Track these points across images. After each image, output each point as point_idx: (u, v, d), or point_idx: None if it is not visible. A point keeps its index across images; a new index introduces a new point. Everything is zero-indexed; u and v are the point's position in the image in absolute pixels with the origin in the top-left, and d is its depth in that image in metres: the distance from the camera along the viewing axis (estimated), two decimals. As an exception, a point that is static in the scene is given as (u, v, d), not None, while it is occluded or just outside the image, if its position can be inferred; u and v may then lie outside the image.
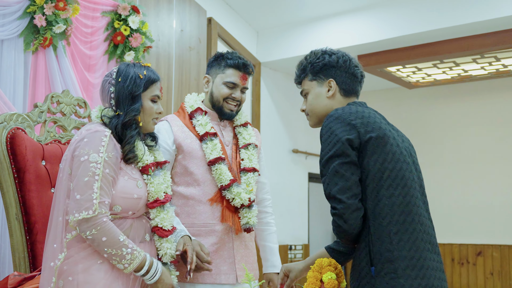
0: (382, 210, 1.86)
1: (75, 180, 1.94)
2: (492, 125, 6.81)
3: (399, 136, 2.06)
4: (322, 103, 2.15)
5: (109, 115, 2.12)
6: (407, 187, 1.91)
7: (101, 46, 3.35)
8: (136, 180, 2.10)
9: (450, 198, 6.94)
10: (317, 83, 2.17)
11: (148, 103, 2.16)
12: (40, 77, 2.91)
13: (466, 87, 6.95)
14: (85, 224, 1.90)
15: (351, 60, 2.18)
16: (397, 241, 1.84)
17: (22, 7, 2.80)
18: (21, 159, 2.22)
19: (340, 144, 1.89)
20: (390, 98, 7.42)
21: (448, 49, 5.20)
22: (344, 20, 5.59)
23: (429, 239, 1.92)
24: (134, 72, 2.14)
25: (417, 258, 1.84)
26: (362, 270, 1.87)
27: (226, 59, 2.62)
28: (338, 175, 1.88)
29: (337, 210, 1.87)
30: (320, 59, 2.16)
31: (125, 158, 2.09)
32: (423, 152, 7.14)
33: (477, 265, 6.69)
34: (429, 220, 1.98)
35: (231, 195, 2.48)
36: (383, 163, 1.90)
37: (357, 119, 1.93)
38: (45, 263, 1.97)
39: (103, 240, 1.91)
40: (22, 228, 2.21)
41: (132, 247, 1.97)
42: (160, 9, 4.11)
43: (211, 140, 2.51)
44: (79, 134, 2.04)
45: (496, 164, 6.73)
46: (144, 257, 2.00)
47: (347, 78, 2.15)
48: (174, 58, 4.26)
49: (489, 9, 4.72)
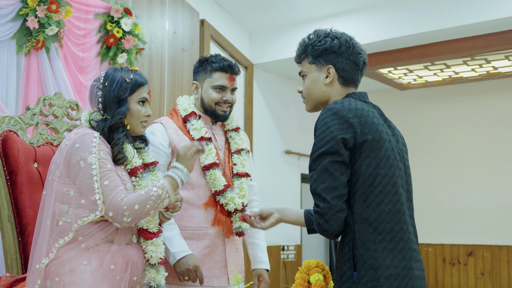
0: (370, 216, 1.82)
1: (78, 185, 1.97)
2: (483, 126, 6.85)
3: (394, 137, 1.99)
4: (319, 89, 2.04)
5: (96, 118, 2.13)
6: (397, 194, 1.86)
7: (94, 48, 3.35)
8: (125, 182, 2.11)
9: (441, 198, 6.98)
10: (316, 67, 2.04)
11: (135, 106, 2.17)
12: (32, 79, 2.92)
13: (457, 88, 6.99)
14: (116, 215, 1.94)
15: (354, 47, 2.02)
16: (382, 249, 1.80)
17: (14, 10, 2.81)
18: (13, 161, 2.23)
19: (334, 142, 1.82)
20: (382, 99, 7.43)
21: (439, 51, 5.23)
22: (336, 22, 5.61)
23: (413, 246, 1.88)
24: (121, 76, 2.15)
25: (402, 267, 1.81)
26: (344, 274, 1.83)
27: (211, 63, 2.62)
28: (327, 173, 1.81)
29: (320, 209, 1.82)
30: (321, 42, 2.02)
31: (114, 159, 2.10)
32: (414, 153, 7.17)
33: (468, 265, 6.73)
34: (412, 227, 1.94)
35: (225, 200, 2.50)
36: (375, 168, 1.84)
37: (356, 117, 1.85)
38: (31, 265, 1.99)
39: (136, 208, 1.95)
40: (14, 229, 2.23)
41: (154, 184, 2.02)
42: (153, 11, 4.12)
43: (206, 145, 2.52)
44: (69, 139, 2.06)
45: (487, 165, 6.77)
46: (170, 176, 2.06)
47: (348, 65, 2.01)
48: (166, 60, 4.27)
49: (479, 12, 4.75)
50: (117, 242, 2.05)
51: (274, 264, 6.26)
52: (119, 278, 2.03)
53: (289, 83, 6.72)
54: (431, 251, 6.95)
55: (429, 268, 6.97)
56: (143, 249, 2.17)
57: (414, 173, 7.63)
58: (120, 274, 2.03)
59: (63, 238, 1.97)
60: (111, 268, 2.00)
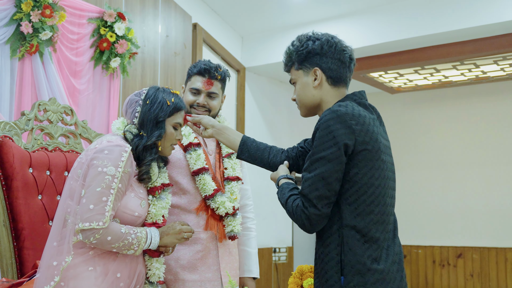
0: (359, 223, 1.84)
1: (89, 189, 1.97)
2: (473, 129, 6.90)
3: (387, 142, 2.01)
4: (309, 94, 2.03)
5: (132, 131, 2.16)
6: (385, 205, 1.89)
7: (87, 52, 3.36)
8: (141, 199, 2.15)
9: (431, 201, 7.03)
10: (303, 72, 2.03)
11: (170, 129, 2.21)
12: (26, 83, 2.93)
13: (448, 92, 7.05)
14: (88, 232, 1.94)
15: (337, 44, 2.01)
16: (368, 255, 1.83)
17: (8, 14, 2.82)
18: (8, 166, 2.24)
19: (336, 148, 1.81)
20: (373, 103, 7.37)
21: (429, 55, 5.28)
22: (327, 26, 5.65)
23: (398, 250, 1.93)
24: (163, 97, 2.19)
25: (386, 272, 1.85)
26: (331, 278, 1.85)
27: (193, 67, 2.64)
28: (323, 182, 1.82)
29: (309, 213, 1.84)
30: (304, 46, 2.02)
31: (139, 177, 2.15)
32: (405, 155, 7.24)
33: (458, 267, 6.78)
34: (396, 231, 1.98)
35: (216, 205, 2.51)
36: (370, 178, 1.85)
37: (358, 124, 1.85)
38: (43, 261, 2.00)
39: (108, 239, 1.96)
40: (10, 234, 2.24)
41: (135, 232, 2.04)
42: (146, 15, 4.14)
43: (195, 151, 2.53)
44: (100, 142, 2.08)
45: (476, 168, 6.83)
46: (146, 235, 2.08)
47: (334, 64, 1.99)
48: (159, 64, 4.29)
49: (467, 17, 4.80)
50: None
51: (266, 266, 6.29)
52: (122, 285, 2.05)
53: (281, 86, 6.76)
54: (421, 253, 7.00)
55: (419, 270, 7.02)
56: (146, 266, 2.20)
57: (404, 176, 7.68)
58: (124, 281, 2.06)
59: (76, 236, 1.98)
60: (117, 276, 2.03)
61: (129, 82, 3.84)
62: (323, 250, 1.90)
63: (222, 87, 2.68)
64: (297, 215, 1.88)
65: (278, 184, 2.07)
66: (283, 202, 1.98)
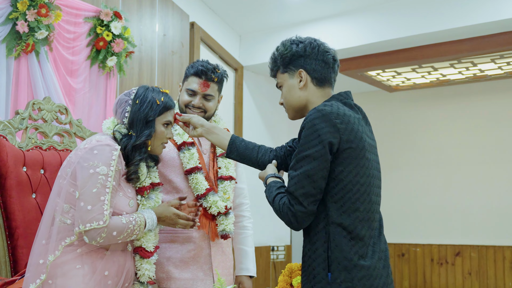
0: (345, 221, 1.87)
1: (83, 190, 1.99)
2: (471, 128, 6.91)
3: (372, 141, 2.04)
4: (295, 95, 2.09)
5: (121, 131, 2.18)
6: (371, 202, 1.93)
7: (84, 51, 3.36)
8: (129, 199, 2.16)
9: (429, 199, 7.03)
10: (288, 75, 2.10)
11: (160, 128, 2.23)
12: (22, 82, 2.92)
13: (446, 90, 7.05)
14: (94, 232, 1.97)
15: (319, 46, 2.09)
16: (354, 252, 1.87)
17: (4, 14, 2.82)
18: (2, 165, 2.25)
19: (321, 146, 1.86)
20: (371, 101, 7.51)
21: (426, 54, 5.29)
22: (325, 25, 5.66)
23: (384, 247, 1.97)
24: (152, 97, 2.22)
25: (373, 268, 1.88)
26: (318, 275, 1.89)
27: (190, 67, 2.65)
28: (309, 180, 1.86)
29: (295, 210, 1.88)
30: (288, 49, 2.09)
31: (127, 177, 2.16)
32: (402, 154, 7.25)
33: (456, 265, 6.80)
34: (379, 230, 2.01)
35: (207, 204, 2.53)
36: (355, 176, 1.90)
37: (343, 123, 1.90)
38: (32, 260, 2.02)
39: (114, 234, 2.01)
40: (3, 233, 2.25)
41: (134, 218, 2.09)
42: (143, 14, 4.15)
43: (188, 150, 2.55)
44: (89, 142, 2.10)
45: (474, 166, 6.83)
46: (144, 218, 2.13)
47: (318, 65, 2.06)
48: (156, 62, 4.30)
49: (464, 16, 4.80)
50: (111, 249, 2.10)
51: (264, 264, 6.30)
52: (110, 283, 2.07)
53: (279, 84, 6.75)
54: (419, 251, 7.02)
55: (417, 268, 7.03)
56: (136, 266, 2.22)
57: (401, 174, 7.68)
58: (112, 279, 2.07)
59: (69, 237, 2.00)
60: (105, 274, 2.05)
61: (126, 81, 3.84)
62: (310, 247, 1.94)
63: (219, 89, 2.69)
64: (283, 213, 1.92)
65: (266, 182, 2.10)
66: (270, 200, 2.02)
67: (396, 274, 7.14)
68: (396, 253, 7.17)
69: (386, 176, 7.25)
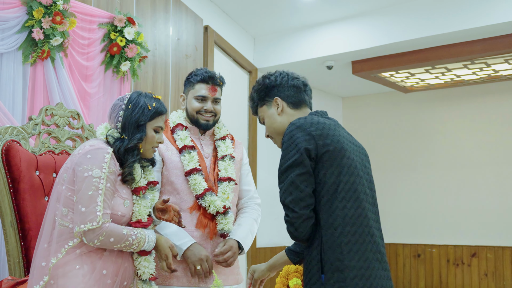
0: (335, 221, 1.95)
1: (79, 193, 2.07)
2: (487, 128, 6.85)
3: (356, 147, 2.14)
4: (276, 121, 2.25)
5: (114, 135, 2.26)
6: (359, 200, 1.99)
7: (98, 57, 3.43)
8: (124, 199, 2.23)
9: (446, 200, 7.00)
10: (267, 107, 2.28)
11: (151, 133, 2.30)
12: (38, 88, 3.00)
13: (461, 91, 7.01)
14: (91, 234, 2.05)
15: (288, 75, 2.28)
16: (347, 251, 1.92)
17: (20, 22, 2.89)
18: (15, 169, 2.33)
19: (299, 154, 1.97)
20: (386, 102, 7.50)
21: (439, 55, 5.29)
22: (338, 27, 5.69)
23: (378, 248, 2.00)
24: (144, 102, 2.29)
25: (366, 268, 1.93)
26: (313, 277, 1.96)
27: (194, 76, 2.78)
28: (293, 186, 1.96)
29: (289, 218, 1.97)
30: (261, 84, 2.29)
31: (123, 179, 2.24)
32: (418, 155, 7.23)
33: (472, 266, 6.76)
34: (378, 230, 2.06)
35: (206, 203, 2.63)
36: (338, 175, 1.98)
37: (317, 130, 2.01)
38: (35, 262, 2.10)
39: (111, 240, 2.09)
40: (17, 234, 2.32)
41: (135, 233, 2.16)
42: (157, 19, 4.21)
43: (189, 153, 2.68)
44: (83, 147, 2.18)
45: (490, 166, 6.78)
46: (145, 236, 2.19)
47: (290, 91, 2.25)
48: (170, 66, 4.36)
49: (477, 17, 4.80)
50: (110, 249, 2.17)
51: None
52: (109, 282, 2.14)
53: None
54: (435, 252, 6.99)
55: (433, 269, 7.01)
56: (135, 265, 2.28)
57: (417, 175, 7.64)
58: (111, 278, 2.14)
59: (72, 240, 2.08)
60: (103, 273, 2.12)
61: (140, 85, 3.91)
62: (307, 251, 2.02)
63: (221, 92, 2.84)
64: (287, 229, 2.02)
65: None
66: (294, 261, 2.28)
67: (412, 274, 7.13)
68: (412, 253, 7.15)
69: (402, 176, 7.28)
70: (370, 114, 7.61)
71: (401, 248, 7.24)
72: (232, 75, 5.51)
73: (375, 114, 7.58)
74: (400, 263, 7.22)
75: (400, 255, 7.23)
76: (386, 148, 7.40)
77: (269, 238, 6.19)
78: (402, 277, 7.19)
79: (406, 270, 7.18)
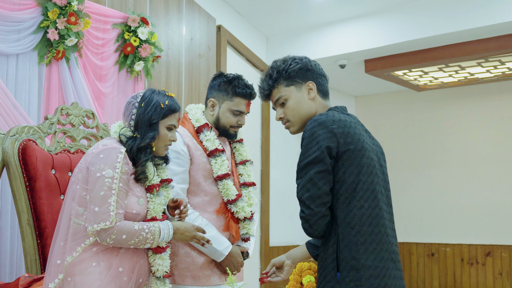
0: (352, 220, 1.93)
1: (92, 193, 2.08)
2: (501, 126, 6.80)
3: (374, 146, 2.11)
4: (306, 106, 2.14)
5: (127, 134, 2.25)
6: (376, 199, 1.97)
7: (112, 57, 3.47)
8: (139, 197, 2.24)
9: (460, 199, 6.96)
10: (295, 88, 2.15)
11: (164, 131, 2.29)
12: (53, 88, 3.04)
13: (474, 89, 6.95)
14: (104, 233, 2.07)
15: (316, 62, 2.20)
16: (363, 250, 1.91)
17: (36, 23, 2.93)
18: (32, 168, 2.36)
19: (320, 151, 1.93)
20: (399, 100, 7.47)
21: (452, 53, 5.25)
22: (351, 25, 5.68)
23: (392, 248, 1.99)
24: (157, 100, 2.28)
25: (381, 268, 1.92)
26: (328, 274, 1.95)
27: (234, 87, 2.68)
28: (311, 183, 1.94)
29: (305, 215, 1.96)
30: (293, 64, 2.15)
31: (136, 177, 2.24)
32: (432, 153, 7.19)
33: (486, 265, 6.72)
34: (392, 230, 2.05)
35: (236, 209, 2.66)
36: (358, 175, 1.95)
37: (339, 128, 1.97)
38: (51, 260, 2.13)
39: (124, 238, 2.09)
40: (34, 232, 2.36)
41: (148, 227, 2.15)
42: (170, 19, 4.24)
43: (220, 156, 2.65)
44: (96, 147, 2.19)
45: (505, 165, 6.73)
46: (159, 228, 2.19)
47: (320, 79, 2.17)
48: (183, 66, 4.38)
49: (491, 14, 4.76)
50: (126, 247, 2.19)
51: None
52: (126, 279, 2.16)
53: (306, 85, 6.77)
54: (449, 251, 6.96)
55: (448, 268, 6.98)
56: (149, 262, 2.29)
57: (431, 173, 7.58)
58: (127, 275, 2.16)
59: (88, 239, 2.10)
60: (120, 270, 2.14)
61: (153, 85, 3.93)
62: (323, 248, 2.01)
63: None
64: (302, 225, 2.01)
65: None
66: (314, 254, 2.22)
67: (426, 274, 7.10)
68: (426, 253, 7.13)
69: (415, 175, 7.25)
70: (383, 113, 7.59)
71: (414, 247, 7.21)
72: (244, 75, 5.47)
73: (388, 113, 7.55)
74: (414, 262, 7.19)
75: (413, 254, 7.21)
76: (399, 146, 7.37)
77: (282, 236, 6.20)
78: (416, 276, 7.16)
79: (420, 269, 7.15)
